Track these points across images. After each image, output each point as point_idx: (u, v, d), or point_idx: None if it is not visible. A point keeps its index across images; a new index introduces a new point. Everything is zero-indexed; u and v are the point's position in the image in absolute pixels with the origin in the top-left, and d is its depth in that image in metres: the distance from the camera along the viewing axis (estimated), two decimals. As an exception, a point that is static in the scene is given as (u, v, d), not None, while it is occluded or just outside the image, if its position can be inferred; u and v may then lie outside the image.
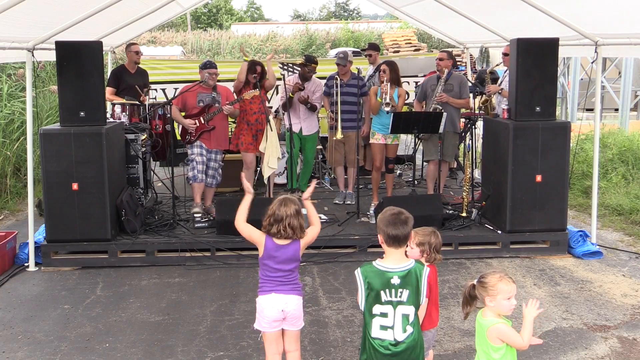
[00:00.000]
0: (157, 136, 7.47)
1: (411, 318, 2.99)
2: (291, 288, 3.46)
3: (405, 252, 3.07)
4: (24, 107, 9.04)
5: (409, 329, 2.98)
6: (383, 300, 2.96)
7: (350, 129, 7.27)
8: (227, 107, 6.85)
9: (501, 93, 7.34)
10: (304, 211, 3.59)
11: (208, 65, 6.95)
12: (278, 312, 3.43)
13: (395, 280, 2.95)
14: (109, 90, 7.63)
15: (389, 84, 6.81)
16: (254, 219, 3.55)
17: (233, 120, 7.84)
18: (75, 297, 5.32)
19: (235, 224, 3.58)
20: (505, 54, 7.45)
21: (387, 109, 6.75)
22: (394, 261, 3.00)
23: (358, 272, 3.01)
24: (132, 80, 7.74)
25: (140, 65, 8.05)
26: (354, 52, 11.18)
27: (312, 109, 7.55)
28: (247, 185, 3.70)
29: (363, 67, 8.39)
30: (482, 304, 3.00)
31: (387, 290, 2.95)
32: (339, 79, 7.32)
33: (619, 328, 4.68)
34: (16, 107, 9.69)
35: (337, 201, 7.71)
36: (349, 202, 7.43)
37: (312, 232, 3.60)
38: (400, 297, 2.96)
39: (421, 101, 7.59)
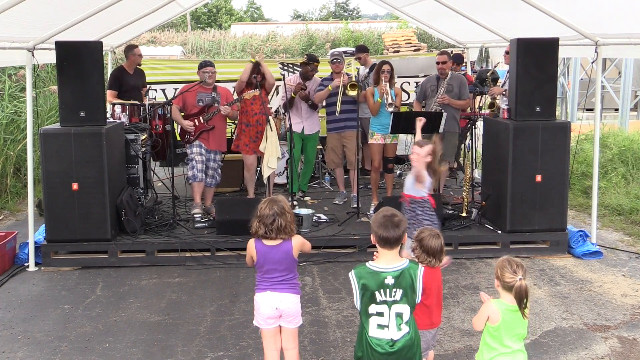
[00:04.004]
0: (157, 136, 7.48)
1: (405, 317, 3.00)
2: (287, 287, 3.48)
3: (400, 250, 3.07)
4: (25, 107, 9.04)
5: (404, 328, 2.99)
6: (378, 300, 2.97)
7: (349, 128, 7.25)
8: (225, 108, 6.84)
9: (505, 94, 7.33)
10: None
11: (204, 64, 6.96)
12: (272, 309, 3.47)
13: (389, 280, 2.96)
14: (111, 94, 7.59)
15: (387, 84, 6.81)
16: (250, 219, 3.55)
17: (233, 122, 7.84)
18: (75, 297, 5.32)
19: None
20: (508, 52, 7.43)
21: (391, 109, 6.74)
22: (387, 261, 3.01)
23: (352, 274, 3.02)
24: (132, 81, 7.76)
25: (147, 66, 8.10)
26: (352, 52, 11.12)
27: (313, 106, 7.54)
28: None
29: (362, 67, 8.37)
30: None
31: (381, 291, 2.97)
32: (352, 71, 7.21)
33: (619, 328, 4.68)
34: (19, 108, 9.70)
35: (337, 201, 7.68)
36: (354, 206, 7.24)
37: (306, 243, 3.60)
38: (394, 296, 2.97)
39: (420, 101, 7.58)
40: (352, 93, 7.02)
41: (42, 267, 6.02)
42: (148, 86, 8.15)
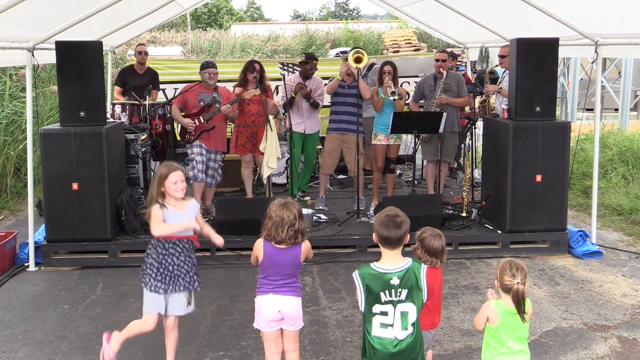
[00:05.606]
0: (157, 136, 7.48)
1: (411, 316, 2.98)
2: (290, 290, 3.46)
3: (402, 248, 3.06)
4: (25, 107, 9.06)
5: (409, 328, 2.98)
6: (383, 301, 2.96)
7: (350, 131, 7.20)
8: (225, 107, 6.84)
9: (500, 92, 7.34)
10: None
11: (207, 65, 6.96)
12: (275, 312, 3.44)
13: (395, 281, 2.95)
14: (116, 90, 8.04)
15: (391, 81, 6.83)
16: (254, 219, 3.55)
17: (232, 122, 7.83)
18: (75, 297, 5.32)
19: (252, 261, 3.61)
20: (501, 56, 7.45)
21: (395, 97, 6.74)
22: (391, 262, 3.00)
23: (356, 275, 3.00)
24: (136, 81, 7.89)
25: (151, 66, 8.20)
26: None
27: (315, 105, 7.51)
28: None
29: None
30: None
31: (386, 292, 2.95)
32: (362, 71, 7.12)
33: (619, 328, 4.68)
34: (19, 108, 9.71)
35: (321, 206, 7.38)
36: (362, 208, 7.18)
37: (310, 250, 3.57)
38: (399, 296, 2.96)
39: (417, 101, 7.59)
40: (359, 65, 6.86)
41: (42, 267, 6.01)
42: (157, 87, 8.13)
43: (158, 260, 3.77)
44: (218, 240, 3.93)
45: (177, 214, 3.78)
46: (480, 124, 7.54)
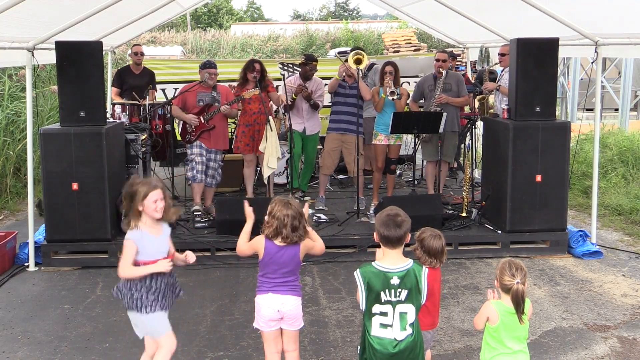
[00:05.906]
0: (157, 136, 7.49)
1: (410, 317, 2.99)
2: (289, 289, 3.46)
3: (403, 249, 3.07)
4: (25, 107, 9.06)
5: (408, 329, 2.99)
6: (383, 300, 2.97)
7: (350, 132, 7.20)
8: (225, 107, 6.84)
9: (499, 89, 7.34)
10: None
11: (207, 65, 6.96)
12: (274, 311, 3.44)
13: (395, 281, 2.96)
14: (113, 91, 7.95)
15: (392, 81, 6.83)
16: (255, 219, 3.55)
17: (233, 121, 7.85)
18: (75, 297, 5.32)
19: (237, 251, 3.55)
20: (501, 54, 7.44)
21: (393, 97, 6.74)
22: (392, 261, 3.01)
23: (357, 274, 3.01)
24: (134, 80, 7.86)
25: (147, 66, 8.18)
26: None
27: (315, 106, 7.51)
28: (249, 211, 3.54)
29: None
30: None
31: (386, 291, 2.96)
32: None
33: (619, 328, 4.68)
34: (19, 108, 9.71)
35: (321, 207, 7.39)
36: (362, 208, 7.19)
37: (317, 243, 3.57)
38: (399, 296, 2.97)
39: (417, 101, 7.60)
40: (359, 66, 6.84)
41: (42, 267, 6.01)
42: (154, 87, 8.14)
43: (147, 285, 3.50)
44: (190, 257, 3.73)
45: (153, 238, 3.55)
46: (480, 124, 7.54)
